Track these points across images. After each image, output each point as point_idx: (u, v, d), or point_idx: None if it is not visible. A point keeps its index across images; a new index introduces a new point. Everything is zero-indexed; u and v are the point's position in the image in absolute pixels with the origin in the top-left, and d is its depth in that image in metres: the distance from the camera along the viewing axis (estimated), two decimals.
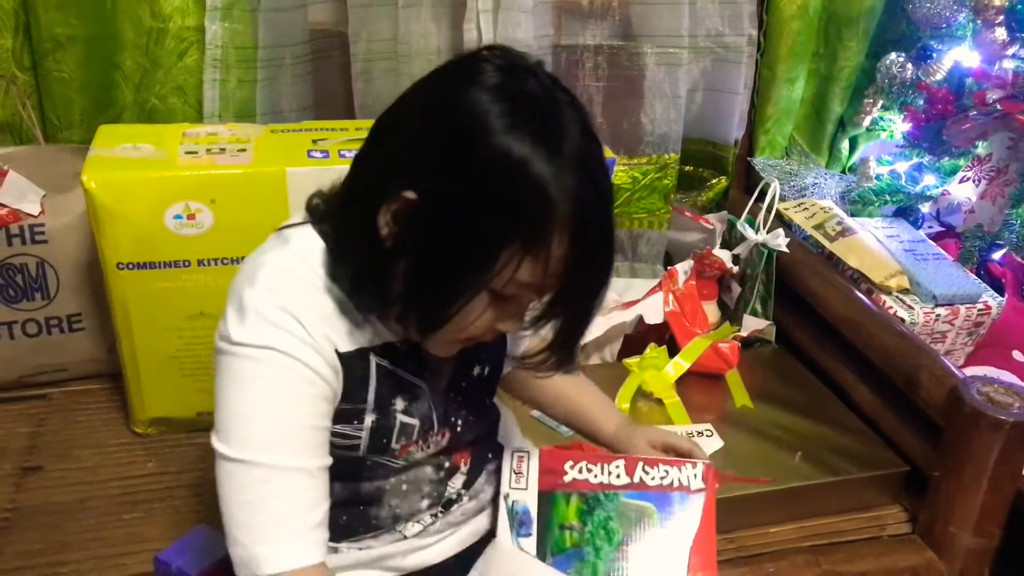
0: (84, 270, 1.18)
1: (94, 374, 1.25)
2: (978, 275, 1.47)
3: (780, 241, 1.38)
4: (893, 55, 1.52)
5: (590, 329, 0.75)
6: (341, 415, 0.73)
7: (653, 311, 1.37)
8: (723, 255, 1.43)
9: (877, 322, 1.24)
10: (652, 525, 0.83)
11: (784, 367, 1.37)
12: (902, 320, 1.31)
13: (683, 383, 1.27)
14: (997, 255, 1.54)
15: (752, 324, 1.40)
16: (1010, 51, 1.40)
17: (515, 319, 0.71)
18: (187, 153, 1.08)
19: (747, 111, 1.59)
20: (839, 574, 1.04)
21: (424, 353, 0.75)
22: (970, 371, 1.29)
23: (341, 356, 0.71)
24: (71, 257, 1.17)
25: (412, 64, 1.38)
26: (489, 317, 0.69)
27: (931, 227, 1.62)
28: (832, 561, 1.05)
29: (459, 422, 0.82)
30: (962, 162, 1.50)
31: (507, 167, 0.63)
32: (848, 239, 1.44)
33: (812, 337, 1.37)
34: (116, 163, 1.05)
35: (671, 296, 1.39)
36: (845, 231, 1.45)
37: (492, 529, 0.85)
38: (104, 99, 1.29)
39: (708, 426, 1.18)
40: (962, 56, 1.47)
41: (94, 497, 1.05)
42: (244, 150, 1.10)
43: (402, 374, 0.76)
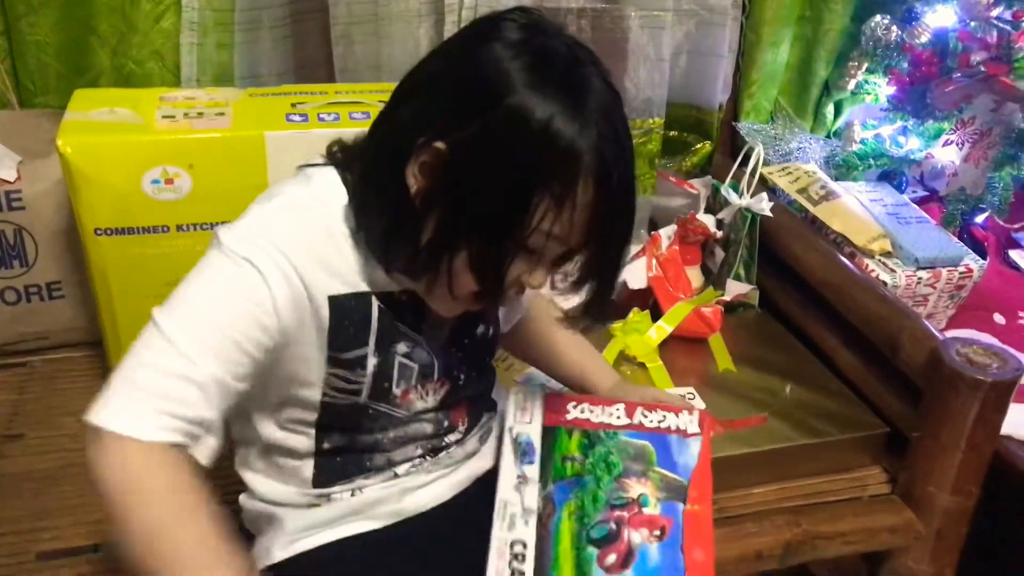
0: (63, 237, 1.17)
1: (75, 342, 1.25)
2: (961, 238, 1.48)
3: (764, 205, 1.38)
4: (878, 17, 1.51)
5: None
6: (343, 362, 0.75)
7: (636, 276, 1.37)
8: (707, 220, 1.42)
9: (859, 285, 1.24)
10: (652, 465, 0.85)
11: (767, 331, 1.37)
12: (884, 283, 1.31)
13: (666, 347, 1.28)
14: (980, 218, 1.55)
15: (735, 288, 1.40)
16: (994, 12, 1.39)
17: (540, 274, 0.73)
18: (164, 117, 1.07)
19: (732, 75, 1.58)
20: (819, 534, 1.05)
21: (423, 308, 0.77)
22: (951, 334, 1.30)
23: (333, 300, 0.72)
24: (49, 224, 1.16)
25: (392, 27, 1.36)
26: (517, 270, 0.71)
27: (915, 191, 1.62)
28: (812, 522, 1.06)
29: (460, 375, 0.84)
30: (946, 125, 1.50)
31: (533, 123, 0.65)
32: (831, 203, 1.44)
33: (795, 301, 1.38)
34: (92, 127, 1.04)
35: (654, 261, 1.38)
36: (829, 195, 1.45)
37: (486, 473, 0.88)
38: (80, 63, 1.27)
39: (691, 390, 1.19)
40: (947, 18, 1.46)
41: (76, 464, 1.04)
42: (222, 114, 1.09)
43: (400, 325, 0.77)
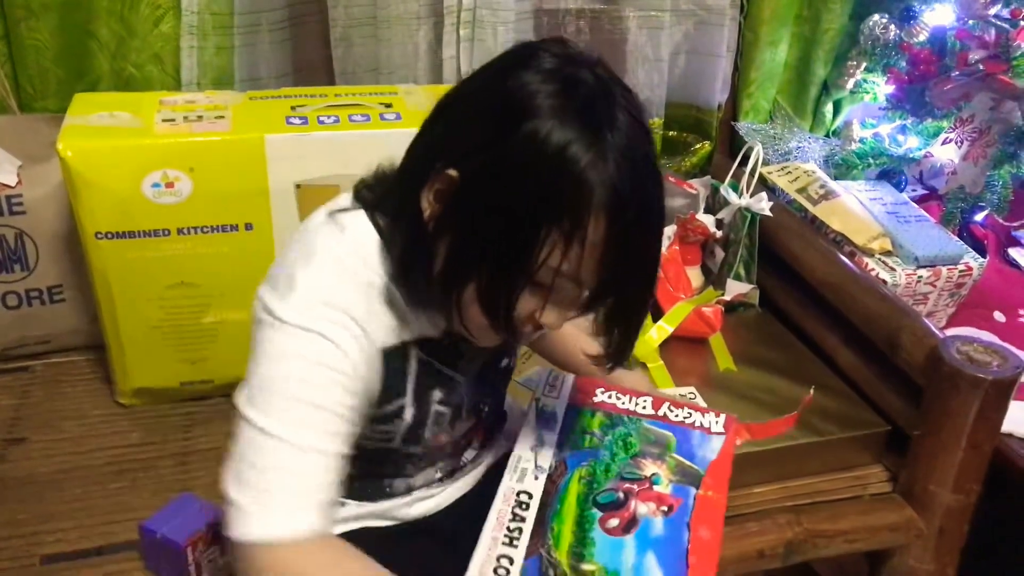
0: (64, 241, 1.17)
1: (77, 345, 1.25)
2: (960, 236, 1.48)
3: (763, 205, 1.38)
4: (876, 16, 1.51)
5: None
6: (383, 417, 0.75)
7: None
8: (706, 220, 1.43)
9: (859, 284, 1.24)
10: (670, 451, 0.86)
11: (767, 330, 1.37)
12: (884, 282, 1.31)
13: (667, 347, 1.28)
14: (979, 216, 1.55)
15: (735, 288, 1.40)
16: (992, 11, 1.39)
17: (555, 312, 0.70)
18: (164, 121, 1.07)
19: (730, 74, 1.59)
20: (821, 533, 1.05)
21: (461, 344, 0.76)
22: (951, 332, 1.30)
23: (383, 352, 0.72)
24: (50, 227, 1.16)
25: (392, 30, 1.37)
26: (528, 306, 0.69)
27: (915, 190, 1.62)
28: (814, 520, 1.06)
29: (485, 408, 0.85)
30: (945, 124, 1.50)
31: (548, 148, 0.62)
32: (831, 202, 1.44)
33: (795, 300, 1.38)
34: (92, 131, 1.04)
35: None
36: (828, 194, 1.45)
37: (490, 468, 0.90)
38: (80, 68, 1.27)
39: (692, 389, 1.19)
40: (945, 16, 1.46)
41: (79, 467, 1.05)
42: (222, 117, 1.09)
43: (439, 366, 0.77)
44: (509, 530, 0.78)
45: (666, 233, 1.42)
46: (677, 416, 0.90)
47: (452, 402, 0.80)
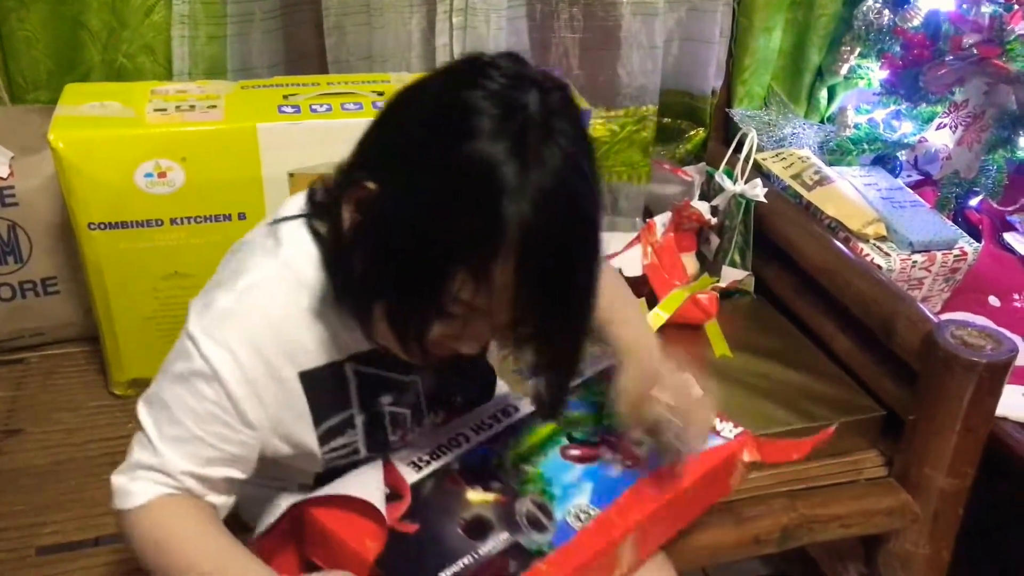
0: (57, 232, 1.17)
1: (71, 337, 1.24)
2: (955, 221, 1.48)
3: (758, 191, 1.38)
4: (870, 1, 1.50)
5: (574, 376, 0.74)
6: (333, 431, 0.76)
7: (632, 264, 1.37)
8: (701, 207, 1.42)
9: (854, 270, 1.25)
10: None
11: (763, 316, 1.37)
12: (879, 267, 1.32)
13: (662, 334, 1.28)
14: (974, 201, 1.55)
15: (731, 275, 1.40)
16: None
17: (471, 343, 0.68)
18: (156, 111, 1.07)
19: (724, 61, 1.58)
20: (816, 518, 1.06)
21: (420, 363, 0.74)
22: (946, 316, 1.30)
23: (304, 375, 0.72)
24: (43, 219, 1.16)
25: (384, 17, 1.36)
26: (440, 334, 0.66)
27: (909, 175, 1.62)
28: (809, 505, 1.06)
29: (458, 398, 0.84)
30: (939, 109, 1.49)
31: (465, 179, 0.60)
32: (825, 188, 1.44)
33: (790, 286, 1.38)
34: (83, 122, 1.03)
35: (650, 249, 1.39)
36: (823, 180, 1.45)
37: None
38: (71, 58, 1.26)
39: (688, 376, 1.19)
40: (938, 1, 1.46)
41: (74, 459, 1.04)
42: (214, 107, 1.09)
43: (384, 373, 0.77)
44: (483, 421, 0.83)
45: (661, 220, 1.42)
46: None
47: (407, 402, 0.79)
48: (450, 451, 0.80)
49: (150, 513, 0.70)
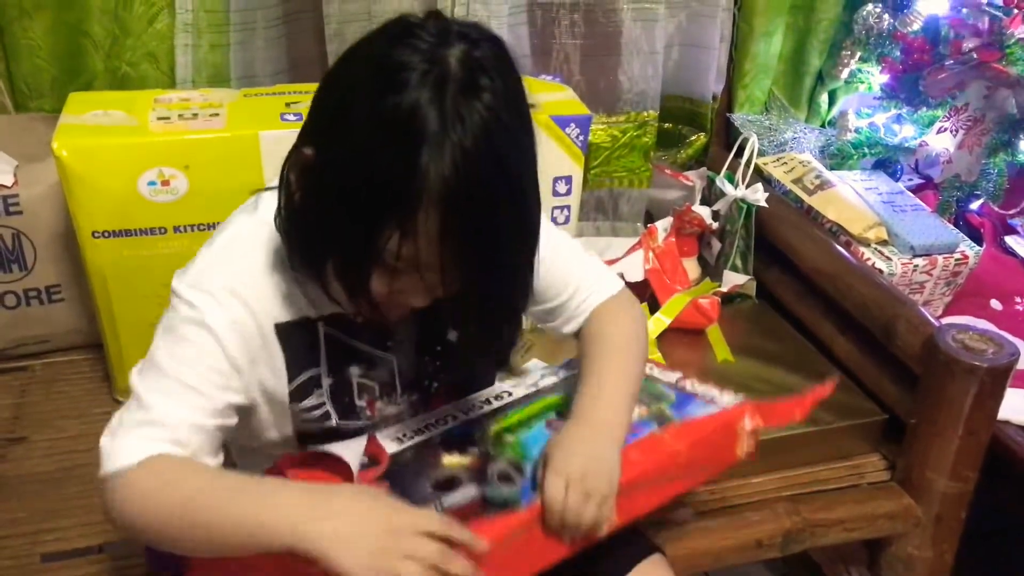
0: (61, 240, 1.17)
1: (76, 345, 1.25)
2: (956, 225, 1.48)
3: (759, 196, 1.39)
4: (870, 6, 1.51)
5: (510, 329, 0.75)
6: (303, 389, 0.77)
7: (633, 269, 1.38)
8: (703, 211, 1.43)
9: (855, 274, 1.25)
10: (661, 403, 0.86)
11: (764, 321, 1.37)
12: (880, 271, 1.32)
13: (664, 339, 1.28)
14: (975, 205, 1.55)
15: (732, 279, 1.40)
16: None
17: (416, 295, 0.69)
18: (159, 119, 1.07)
19: (725, 66, 1.59)
20: (819, 522, 1.06)
21: (383, 322, 0.76)
22: (948, 320, 1.30)
23: (279, 327, 0.74)
24: (47, 227, 1.16)
25: None
26: (383, 287, 0.68)
27: (910, 179, 1.62)
28: (811, 509, 1.06)
29: (434, 383, 0.84)
30: (939, 112, 1.50)
31: (386, 131, 0.62)
32: (826, 192, 1.44)
33: (792, 291, 1.38)
34: (87, 130, 1.04)
35: (651, 254, 1.39)
36: (824, 184, 1.46)
37: None
38: (74, 67, 1.27)
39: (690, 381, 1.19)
40: (938, 5, 1.47)
41: (79, 466, 1.05)
42: (217, 115, 1.09)
43: (357, 344, 0.78)
44: (474, 405, 0.84)
45: (662, 225, 1.42)
46: (692, 387, 0.89)
47: (377, 377, 0.80)
48: (435, 428, 0.81)
49: (149, 466, 0.67)
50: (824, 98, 1.66)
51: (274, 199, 0.74)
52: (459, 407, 0.85)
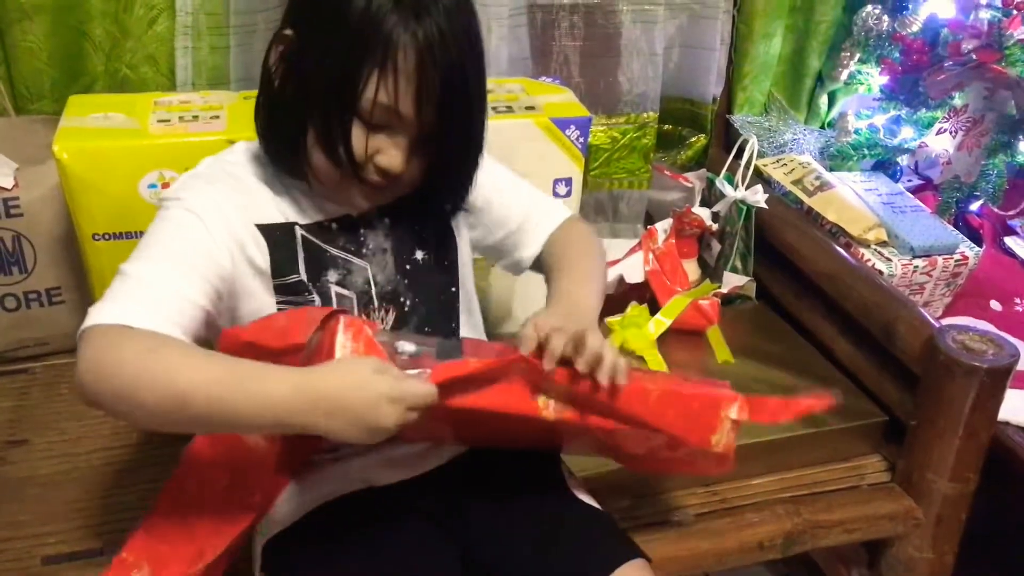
0: (61, 242, 1.17)
1: (76, 347, 1.24)
2: (956, 226, 1.49)
3: (759, 197, 1.39)
4: (869, 7, 1.51)
5: (471, 170, 0.84)
6: (290, 288, 0.82)
7: (634, 270, 1.38)
8: (703, 213, 1.43)
9: (855, 275, 1.25)
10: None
11: (764, 322, 1.38)
12: (880, 272, 1.32)
13: (664, 340, 1.28)
14: (974, 206, 1.55)
15: (732, 281, 1.41)
16: (984, 0, 1.40)
17: (393, 152, 0.77)
18: (159, 122, 1.07)
19: (725, 67, 1.59)
20: (819, 523, 1.06)
21: (358, 228, 0.84)
22: (948, 321, 1.31)
23: (262, 227, 0.80)
24: (47, 230, 1.16)
25: None
26: (368, 146, 0.76)
27: (909, 180, 1.62)
28: (812, 511, 1.06)
29: (407, 302, 0.87)
30: (939, 114, 1.50)
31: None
32: (826, 193, 1.44)
33: (792, 292, 1.38)
34: (88, 133, 1.04)
35: (651, 255, 1.39)
36: (823, 186, 1.46)
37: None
38: (74, 69, 1.27)
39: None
40: (938, 7, 1.47)
41: (79, 468, 1.05)
42: (217, 117, 1.09)
43: (331, 249, 0.83)
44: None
45: (662, 227, 1.42)
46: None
47: (354, 286, 0.84)
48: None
49: (134, 331, 0.69)
50: (824, 99, 1.66)
51: (250, 143, 0.84)
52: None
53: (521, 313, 1.32)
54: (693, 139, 1.65)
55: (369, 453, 0.83)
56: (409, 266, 0.88)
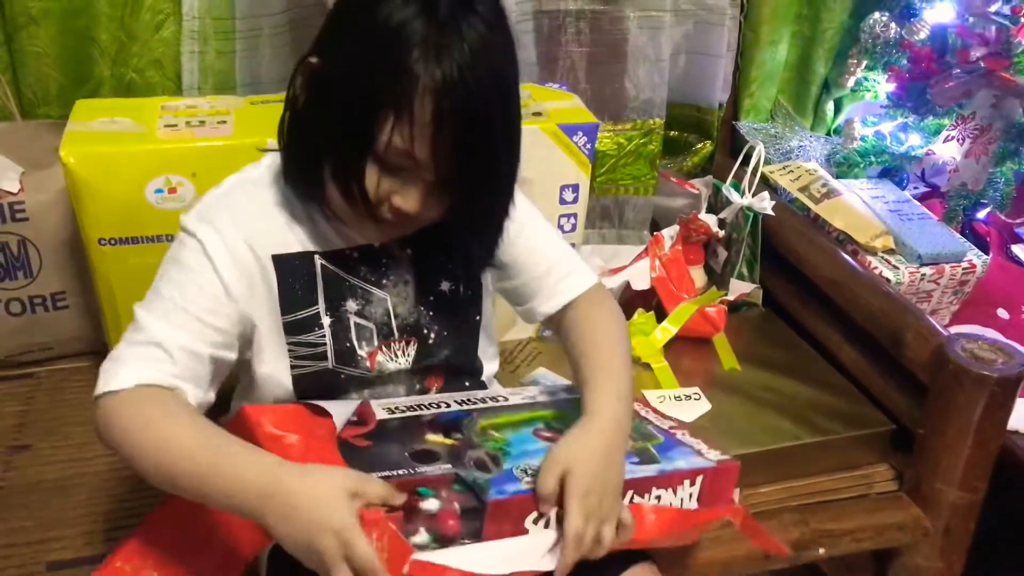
0: (67, 247, 1.17)
1: (81, 352, 1.24)
2: (963, 234, 1.48)
3: (765, 204, 1.38)
4: (876, 14, 1.51)
5: (490, 226, 0.80)
6: (300, 324, 0.81)
7: (640, 277, 1.37)
8: (709, 219, 1.42)
9: (862, 282, 1.24)
10: (646, 441, 0.86)
11: (771, 329, 1.37)
12: (887, 280, 1.31)
13: (671, 348, 1.28)
14: (982, 214, 1.55)
15: (739, 288, 1.40)
16: (993, 7, 1.39)
17: (409, 194, 0.74)
18: (166, 126, 1.07)
19: (731, 74, 1.58)
20: (827, 532, 1.05)
21: (379, 259, 0.83)
22: (955, 329, 1.30)
23: (276, 258, 0.79)
24: (53, 234, 1.16)
25: None
26: (382, 187, 0.73)
27: (916, 187, 1.62)
28: (820, 520, 1.06)
29: (430, 334, 0.86)
30: (946, 121, 1.50)
31: (387, 31, 0.68)
32: (833, 201, 1.44)
33: (798, 299, 1.38)
34: (94, 137, 1.04)
35: (657, 262, 1.38)
36: (830, 193, 1.45)
37: None
38: (80, 73, 1.27)
39: (696, 390, 1.19)
40: (945, 14, 1.46)
41: (83, 474, 1.04)
42: (224, 122, 1.09)
43: (351, 279, 0.82)
44: (469, 398, 0.85)
45: (668, 233, 1.42)
46: (683, 438, 0.90)
47: (373, 316, 0.84)
48: (427, 410, 0.82)
49: (140, 395, 0.71)
50: (830, 106, 1.66)
51: (276, 157, 0.82)
52: (454, 396, 0.86)
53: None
54: (699, 145, 1.65)
55: None
56: (433, 297, 0.87)
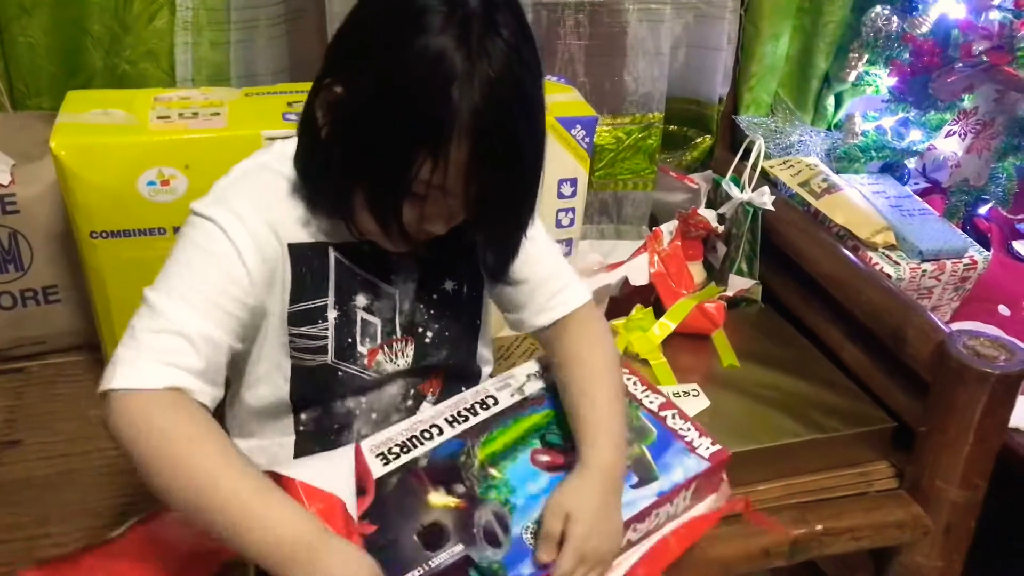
0: (58, 240, 1.16)
1: (73, 346, 1.23)
2: (964, 230, 1.47)
3: (765, 199, 1.37)
4: (878, 8, 1.50)
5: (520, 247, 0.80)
6: (305, 315, 0.80)
7: (638, 272, 1.36)
8: (708, 215, 1.41)
9: (863, 278, 1.23)
10: (642, 442, 0.86)
11: (770, 326, 1.36)
12: (888, 276, 1.30)
13: (669, 344, 1.27)
14: (983, 209, 1.54)
15: (738, 284, 1.39)
16: (996, 1, 1.38)
17: (438, 221, 0.75)
18: (159, 118, 1.06)
19: (731, 68, 1.57)
20: (826, 530, 1.04)
21: (388, 255, 0.81)
22: (956, 326, 1.29)
23: (292, 247, 0.78)
24: (44, 227, 1.15)
25: None
26: (412, 214, 0.73)
27: (917, 183, 1.61)
28: (820, 518, 1.05)
29: (427, 333, 0.86)
30: (948, 116, 1.49)
31: (419, 69, 0.67)
32: (834, 196, 1.43)
33: (798, 295, 1.37)
34: (86, 129, 1.03)
35: (656, 257, 1.37)
36: (831, 188, 1.44)
37: None
38: (73, 65, 1.26)
39: (695, 386, 1.18)
40: (948, 8, 1.45)
41: (76, 469, 1.03)
42: (218, 114, 1.08)
43: (363, 273, 0.81)
44: (459, 413, 0.84)
45: (667, 228, 1.41)
46: (674, 423, 0.89)
47: (381, 313, 0.83)
48: (422, 443, 0.81)
49: (162, 401, 0.68)
50: (831, 101, 1.64)
51: (286, 144, 0.79)
52: (444, 413, 0.84)
53: None
54: (699, 140, 1.64)
55: None
56: (436, 295, 0.86)
